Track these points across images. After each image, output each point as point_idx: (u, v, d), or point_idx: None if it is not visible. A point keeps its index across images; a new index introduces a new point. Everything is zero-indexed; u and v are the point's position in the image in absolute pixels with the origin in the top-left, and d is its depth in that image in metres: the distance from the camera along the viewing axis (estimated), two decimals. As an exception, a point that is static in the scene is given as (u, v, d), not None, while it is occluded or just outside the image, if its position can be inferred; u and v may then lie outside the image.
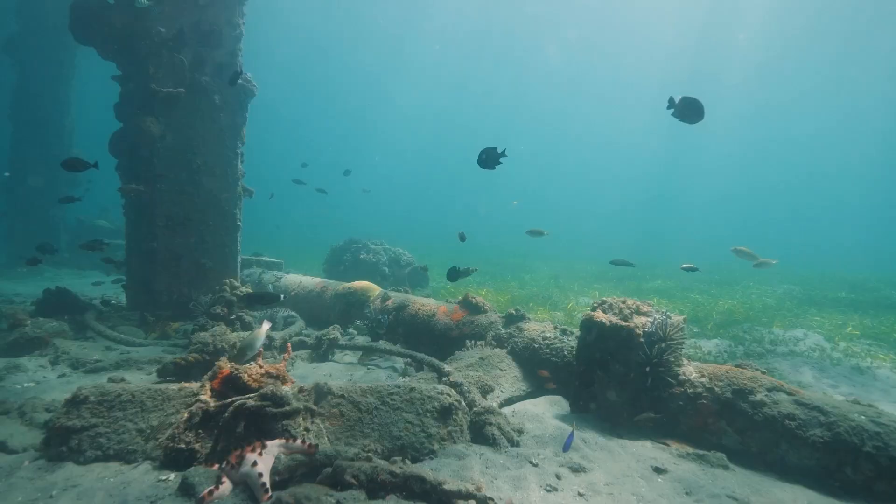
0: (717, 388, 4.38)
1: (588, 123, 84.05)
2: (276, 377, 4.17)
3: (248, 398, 3.78)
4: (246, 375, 3.98)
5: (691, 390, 4.47)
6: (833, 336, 8.39)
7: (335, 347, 6.56)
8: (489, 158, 5.24)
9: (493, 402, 5.06)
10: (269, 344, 5.69)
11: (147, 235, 7.87)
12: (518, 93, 78.64)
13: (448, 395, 4.18)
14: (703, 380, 4.49)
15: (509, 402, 5.16)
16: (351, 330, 7.41)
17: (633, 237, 48.59)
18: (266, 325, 4.27)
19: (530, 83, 76.21)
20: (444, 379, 4.77)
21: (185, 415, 3.70)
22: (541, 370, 5.48)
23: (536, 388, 5.40)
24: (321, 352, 6.49)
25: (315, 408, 3.93)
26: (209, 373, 4.09)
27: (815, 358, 7.16)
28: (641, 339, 4.53)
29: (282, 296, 5.22)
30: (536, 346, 5.57)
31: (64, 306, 7.41)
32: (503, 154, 5.21)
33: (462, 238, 8.60)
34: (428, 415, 4.04)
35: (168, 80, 7.59)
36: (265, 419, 3.70)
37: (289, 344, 4.37)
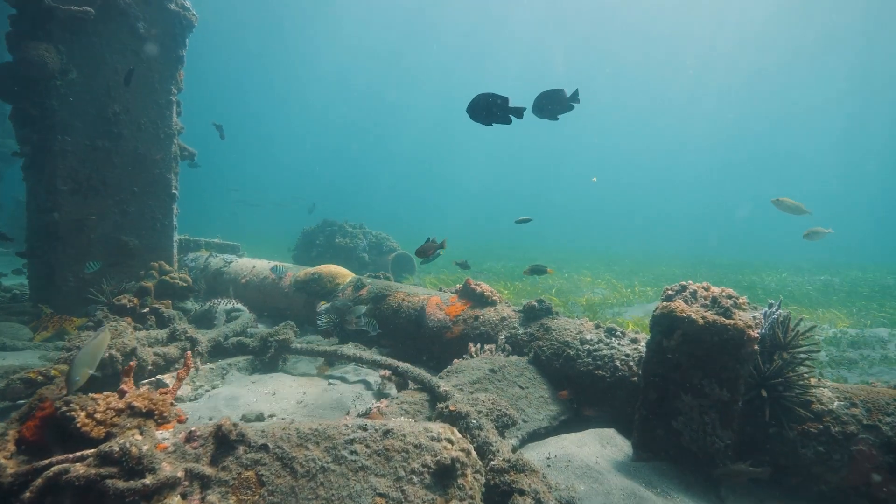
0: (884, 426, 2.71)
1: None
2: (146, 415, 2.42)
3: (78, 460, 2.02)
4: (83, 414, 2.22)
5: (837, 428, 2.80)
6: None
7: (286, 352, 4.77)
8: (553, 104, 3.34)
9: (512, 438, 3.36)
10: (187, 347, 3.93)
11: (45, 203, 5.98)
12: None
13: (448, 442, 2.43)
14: (854, 411, 2.82)
15: (535, 436, 3.45)
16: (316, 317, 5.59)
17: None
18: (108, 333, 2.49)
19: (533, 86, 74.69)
20: (439, 406, 3.03)
21: (-54, 495, 1.93)
22: (561, 391, 3.75)
23: (575, 415, 3.69)
24: (267, 358, 4.71)
25: (211, 472, 2.16)
26: (22, 408, 2.32)
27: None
28: (756, 347, 2.84)
29: None
30: (572, 352, 3.84)
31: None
32: (575, 98, 3.28)
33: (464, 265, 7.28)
34: (415, 479, 2.30)
35: (70, -4, 5.68)
36: (109, 501, 1.94)
37: (188, 353, 2.63)
